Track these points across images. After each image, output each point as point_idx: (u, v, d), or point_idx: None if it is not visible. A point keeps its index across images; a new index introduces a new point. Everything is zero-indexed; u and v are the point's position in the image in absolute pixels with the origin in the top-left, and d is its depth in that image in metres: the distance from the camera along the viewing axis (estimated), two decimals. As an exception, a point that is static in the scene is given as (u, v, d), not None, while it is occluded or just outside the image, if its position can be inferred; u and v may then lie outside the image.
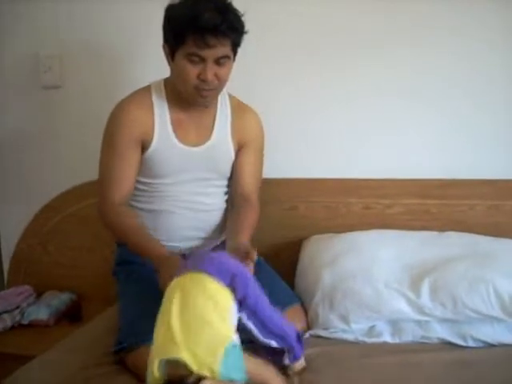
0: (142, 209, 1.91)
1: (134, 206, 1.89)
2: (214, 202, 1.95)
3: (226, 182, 1.97)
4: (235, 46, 1.75)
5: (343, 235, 2.13)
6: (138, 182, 1.86)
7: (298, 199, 2.26)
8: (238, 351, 1.32)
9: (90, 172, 2.30)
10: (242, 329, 1.43)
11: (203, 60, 1.69)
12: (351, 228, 2.18)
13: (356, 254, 1.98)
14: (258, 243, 1.78)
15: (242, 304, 1.43)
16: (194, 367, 1.25)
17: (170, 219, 1.90)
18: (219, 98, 1.89)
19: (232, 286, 1.41)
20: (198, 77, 1.72)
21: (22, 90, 2.53)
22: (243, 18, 1.73)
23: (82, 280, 2.46)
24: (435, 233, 2.13)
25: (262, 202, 2.00)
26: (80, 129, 2.47)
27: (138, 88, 1.89)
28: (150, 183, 1.88)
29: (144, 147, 1.82)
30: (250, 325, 1.46)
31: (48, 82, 2.48)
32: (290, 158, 2.25)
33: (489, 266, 1.86)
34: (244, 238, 1.74)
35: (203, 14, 1.64)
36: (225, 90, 1.87)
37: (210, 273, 1.41)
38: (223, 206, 1.98)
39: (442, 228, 2.16)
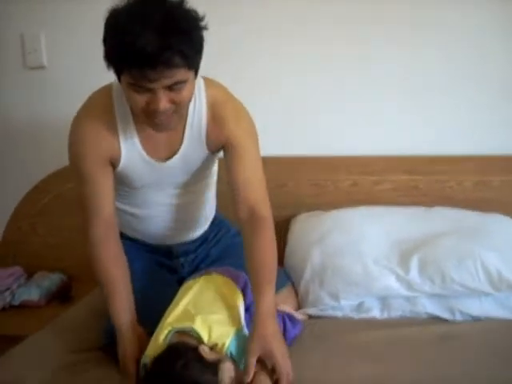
0: (124, 211, 1.78)
1: (117, 208, 1.71)
2: (195, 199, 1.82)
3: (205, 175, 1.79)
4: (192, 67, 1.39)
5: (331, 212, 2.13)
6: (117, 189, 1.69)
7: (285, 177, 2.26)
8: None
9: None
10: None
11: (150, 90, 1.36)
12: (339, 205, 2.18)
13: (344, 231, 1.99)
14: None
15: (247, 310, 1.54)
16: (205, 338, 1.35)
17: (154, 222, 1.80)
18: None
19: (243, 291, 1.55)
20: (148, 106, 1.40)
21: (7, 71, 2.50)
22: (205, 21, 1.37)
23: (73, 260, 2.44)
24: (423, 208, 2.13)
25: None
26: (66, 109, 2.43)
27: (98, 93, 1.62)
28: (127, 190, 1.73)
29: (113, 165, 1.61)
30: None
31: (33, 63, 2.45)
32: (277, 135, 2.24)
33: (476, 240, 1.87)
34: (266, 298, 1.47)
35: (138, 39, 1.26)
36: (201, 82, 1.59)
37: (225, 275, 1.58)
38: (204, 199, 1.85)
39: (430, 204, 2.17)
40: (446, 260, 1.82)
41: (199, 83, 1.57)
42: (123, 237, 1.73)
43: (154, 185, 1.70)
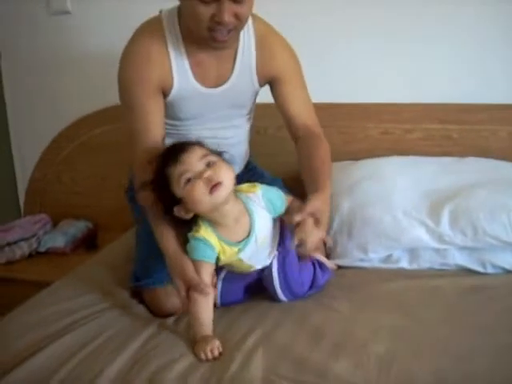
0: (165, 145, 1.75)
1: None
2: (237, 134, 1.82)
3: (248, 110, 1.82)
4: None
5: (361, 162, 2.09)
6: None
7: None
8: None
9: (101, 100, 2.29)
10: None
11: (217, 0, 1.44)
12: (369, 154, 2.13)
13: (374, 181, 1.95)
14: (275, 171, 1.75)
15: (280, 244, 1.56)
16: None
17: None
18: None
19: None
20: (213, 18, 1.46)
21: (32, 17, 2.48)
22: None
23: (98, 209, 2.47)
24: (456, 159, 2.07)
25: (277, 127, 1.95)
26: (90, 56, 2.41)
27: (147, 22, 1.65)
28: (171, 124, 1.73)
29: (163, 94, 1.63)
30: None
31: (57, 8, 2.43)
32: (307, 82, 2.19)
33: (510, 192, 1.81)
34: (322, 189, 1.54)
35: None
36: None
37: None
38: (246, 135, 1.87)
39: (462, 154, 2.10)
40: (478, 212, 1.76)
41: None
42: None
43: (199, 116, 1.72)
